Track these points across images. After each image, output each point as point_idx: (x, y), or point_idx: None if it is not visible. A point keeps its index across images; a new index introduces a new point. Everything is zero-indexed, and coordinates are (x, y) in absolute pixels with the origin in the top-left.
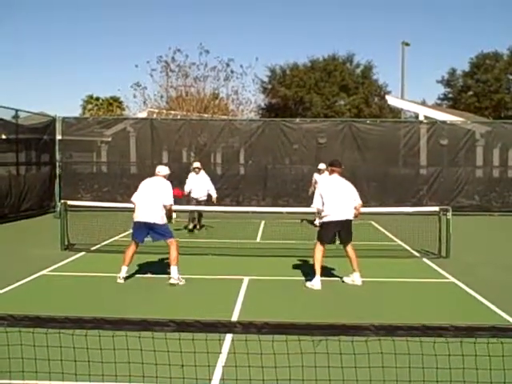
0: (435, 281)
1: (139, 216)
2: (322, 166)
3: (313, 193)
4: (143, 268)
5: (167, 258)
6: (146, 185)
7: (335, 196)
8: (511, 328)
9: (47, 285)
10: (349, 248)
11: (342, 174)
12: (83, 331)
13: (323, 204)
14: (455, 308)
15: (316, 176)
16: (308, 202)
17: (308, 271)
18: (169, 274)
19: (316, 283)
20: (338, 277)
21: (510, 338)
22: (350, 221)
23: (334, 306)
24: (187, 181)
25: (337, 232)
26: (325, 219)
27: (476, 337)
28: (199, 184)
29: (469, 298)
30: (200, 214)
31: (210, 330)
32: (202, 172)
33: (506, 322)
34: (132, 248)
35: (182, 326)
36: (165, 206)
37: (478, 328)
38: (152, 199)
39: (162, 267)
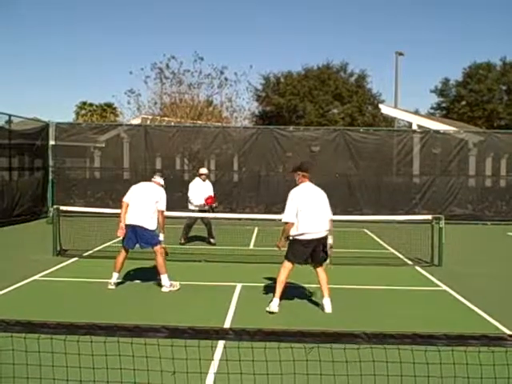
0: (427, 289)
1: (129, 218)
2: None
3: None
4: (136, 274)
5: None
6: (139, 188)
7: (312, 209)
8: (502, 337)
9: (39, 290)
10: (321, 269)
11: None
12: (75, 337)
13: (298, 218)
14: (447, 316)
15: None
16: None
17: (300, 277)
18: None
19: (274, 307)
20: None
21: (500, 346)
22: (325, 238)
23: (326, 314)
24: (191, 187)
25: (311, 251)
26: (299, 236)
27: (467, 345)
28: (205, 191)
29: (460, 306)
30: (206, 223)
31: (202, 336)
32: (207, 180)
33: (498, 330)
34: (122, 254)
35: (175, 333)
36: (158, 212)
37: (469, 337)
38: (145, 203)
39: (154, 273)
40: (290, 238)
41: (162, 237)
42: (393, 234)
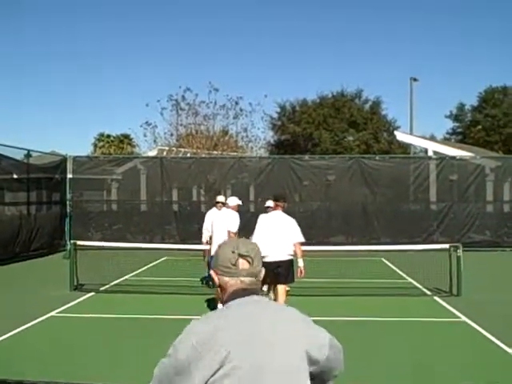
0: (447, 320)
1: (213, 250)
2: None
3: None
4: (168, 309)
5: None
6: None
7: (271, 234)
8: None
9: (55, 328)
10: (282, 289)
11: (284, 210)
12: None
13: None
14: (467, 350)
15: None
16: (318, 238)
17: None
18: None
19: None
20: (347, 316)
21: None
22: (288, 261)
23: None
24: (206, 218)
25: (277, 272)
26: (263, 260)
27: None
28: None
29: (481, 339)
30: None
31: None
32: (225, 209)
33: None
34: None
35: None
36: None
37: None
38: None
39: (188, 308)
40: None
41: None
42: (411, 263)
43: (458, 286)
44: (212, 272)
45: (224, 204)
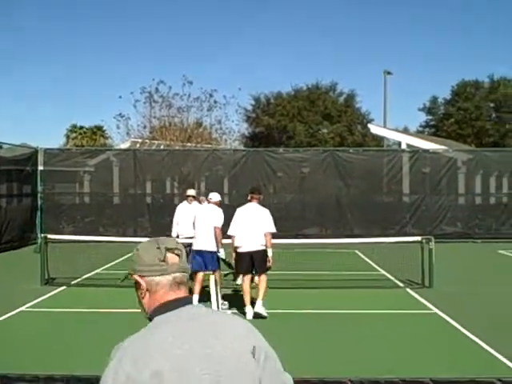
0: (418, 312)
1: (196, 245)
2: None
3: None
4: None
5: None
6: (200, 212)
7: (246, 225)
8: (491, 382)
9: (25, 323)
10: (262, 277)
11: (261, 203)
12: None
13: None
14: (439, 341)
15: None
16: (292, 230)
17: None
18: None
19: (249, 315)
20: (319, 309)
21: None
22: (262, 251)
23: (315, 340)
24: (177, 211)
25: (251, 262)
26: (238, 250)
27: None
28: (191, 217)
29: (452, 331)
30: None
31: None
32: (195, 203)
33: (490, 355)
34: (198, 278)
35: None
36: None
37: (456, 382)
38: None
39: None
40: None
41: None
42: (383, 255)
43: (429, 277)
44: (136, 277)
45: (194, 198)
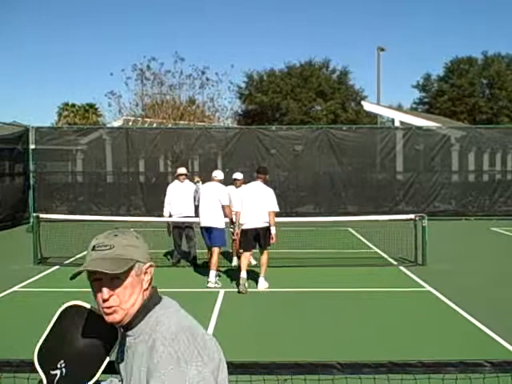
0: (411, 290)
1: (204, 222)
2: (237, 175)
3: None
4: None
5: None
6: (206, 190)
7: (250, 203)
8: (479, 363)
9: (18, 303)
10: (264, 254)
11: (265, 181)
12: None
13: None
14: (431, 318)
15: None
16: (286, 208)
17: (277, 279)
18: None
19: (242, 287)
20: (313, 287)
21: (478, 373)
22: (266, 228)
23: (310, 317)
24: (168, 191)
25: (255, 238)
26: (242, 227)
27: (444, 373)
28: (183, 196)
29: (444, 308)
30: (189, 237)
31: None
32: (188, 181)
33: (481, 332)
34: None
35: None
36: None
37: (445, 364)
38: (211, 203)
39: None
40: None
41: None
42: (377, 233)
43: (422, 255)
44: (152, 265)
45: (186, 176)
